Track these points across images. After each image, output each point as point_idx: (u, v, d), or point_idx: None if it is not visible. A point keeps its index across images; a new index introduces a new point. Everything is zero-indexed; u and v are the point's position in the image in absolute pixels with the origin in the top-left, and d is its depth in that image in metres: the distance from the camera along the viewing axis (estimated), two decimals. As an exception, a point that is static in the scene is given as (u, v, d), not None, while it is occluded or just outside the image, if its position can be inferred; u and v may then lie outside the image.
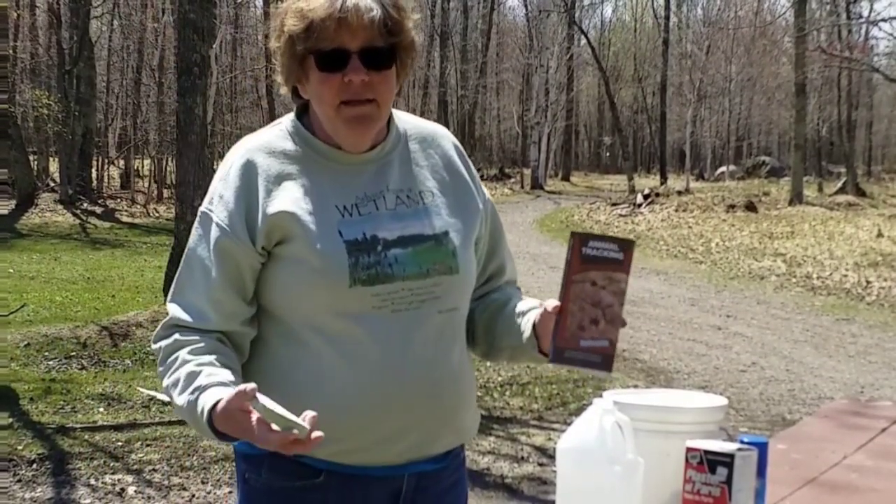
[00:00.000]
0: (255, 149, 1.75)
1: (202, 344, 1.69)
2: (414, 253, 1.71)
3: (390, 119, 1.82)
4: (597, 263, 1.62)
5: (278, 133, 1.77)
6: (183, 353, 1.68)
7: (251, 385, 1.49)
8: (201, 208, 1.76)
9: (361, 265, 1.67)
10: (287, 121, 1.80)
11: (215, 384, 1.61)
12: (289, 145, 1.75)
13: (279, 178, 1.71)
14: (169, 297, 1.76)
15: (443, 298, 1.73)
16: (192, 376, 1.63)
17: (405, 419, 1.68)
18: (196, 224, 1.75)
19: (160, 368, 1.72)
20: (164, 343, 1.71)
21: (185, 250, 1.76)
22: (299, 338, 1.71)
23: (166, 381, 1.69)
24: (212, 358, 1.67)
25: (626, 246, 1.64)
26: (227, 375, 1.64)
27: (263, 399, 1.49)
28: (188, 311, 1.71)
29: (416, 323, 1.70)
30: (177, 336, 1.70)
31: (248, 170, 1.72)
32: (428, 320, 1.71)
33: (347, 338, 1.67)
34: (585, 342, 1.62)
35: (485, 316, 1.88)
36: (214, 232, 1.70)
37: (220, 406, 1.54)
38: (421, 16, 1.74)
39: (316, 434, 1.48)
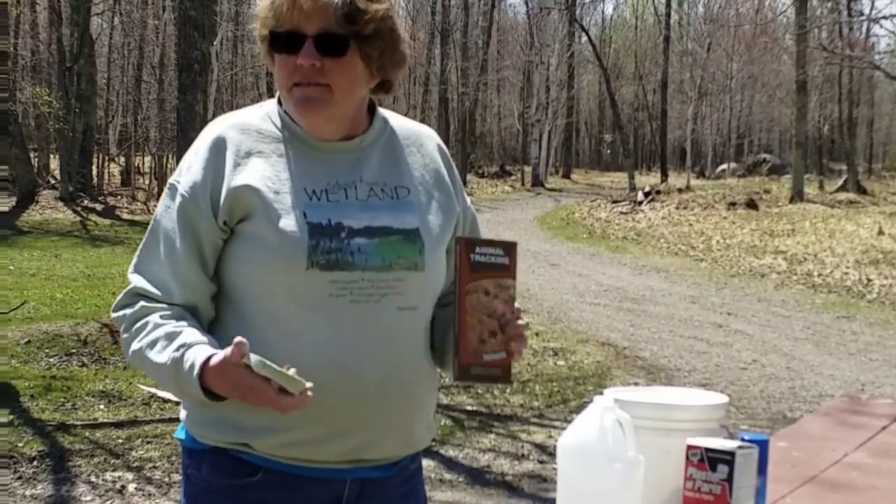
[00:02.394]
0: (229, 125, 1.74)
1: (172, 311, 1.67)
2: (379, 244, 1.68)
3: (374, 113, 1.80)
4: (486, 271, 1.58)
5: (258, 113, 1.77)
6: (154, 318, 1.65)
7: (244, 340, 1.51)
8: (170, 180, 1.75)
9: (322, 249, 1.64)
10: (268, 104, 1.79)
11: (201, 342, 1.59)
12: (266, 126, 1.74)
13: (249, 155, 1.70)
14: (131, 267, 1.74)
15: (405, 295, 1.69)
16: (174, 335, 1.62)
17: (351, 417, 1.65)
18: (163, 195, 1.74)
19: (125, 335, 1.69)
20: (128, 311, 1.69)
21: (151, 220, 1.75)
22: (252, 323, 1.67)
23: (136, 345, 1.66)
24: (186, 323, 1.65)
25: (510, 249, 1.60)
26: (209, 337, 1.63)
27: (255, 355, 1.49)
28: (152, 282, 1.69)
29: (374, 317, 1.67)
30: (143, 303, 1.68)
31: (219, 144, 1.71)
32: (386, 316, 1.67)
33: (301, 324, 1.65)
34: (488, 356, 1.58)
35: (438, 323, 1.80)
36: (178, 202, 1.70)
37: (213, 360, 1.54)
38: (389, 5, 1.72)
39: (309, 387, 1.51)
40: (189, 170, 1.71)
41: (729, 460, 1.58)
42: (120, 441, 5.63)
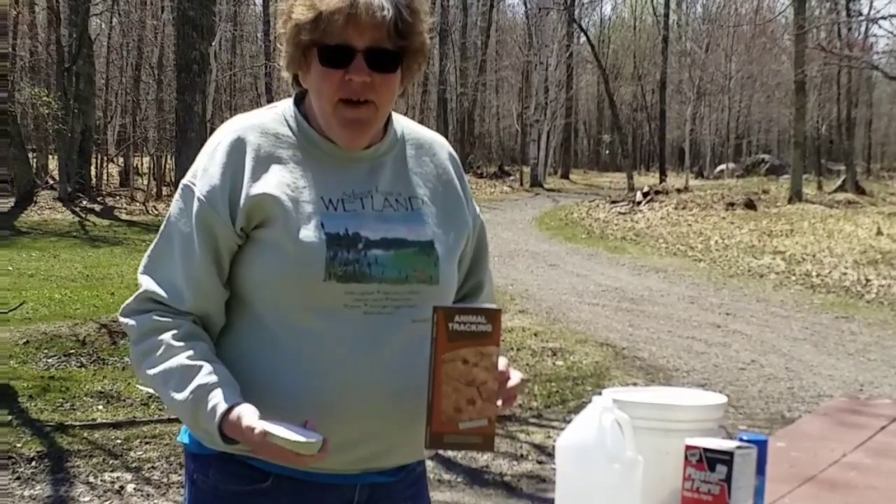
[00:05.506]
0: (247, 127, 1.71)
1: (185, 329, 1.65)
2: (395, 256, 1.67)
3: (389, 121, 1.79)
4: (466, 339, 1.55)
5: (274, 116, 1.74)
6: (167, 338, 1.63)
7: (259, 428, 1.50)
8: (183, 181, 1.71)
9: (339, 261, 1.63)
10: (284, 105, 1.76)
11: (218, 384, 1.58)
12: (283, 129, 1.72)
13: (268, 160, 1.68)
14: (142, 267, 1.70)
15: (419, 307, 1.67)
16: (189, 372, 1.60)
17: (363, 427, 1.65)
18: (177, 197, 1.70)
19: (136, 348, 1.67)
20: (138, 319, 1.67)
21: (164, 222, 1.71)
22: (267, 328, 1.66)
23: (151, 370, 1.64)
24: (202, 347, 1.64)
25: (493, 316, 1.57)
26: (225, 373, 1.62)
27: (272, 428, 1.50)
28: (163, 286, 1.67)
29: (388, 328, 1.66)
30: (154, 316, 1.65)
31: (237, 147, 1.68)
32: (400, 328, 1.66)
33: (314, 334, 1.63)
34: (464, 424, 1.56)
35: None
36: (195, 206, 1.66)
37: (232, 417, 1.54)
38: (435, 19, 1.70)
39: (320, 443, 1.50)
40: (206, 173, 1.67)
41: (727, 460, 1.58)
42: (118, 441, 5.62)
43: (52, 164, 25.59)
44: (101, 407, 6.36)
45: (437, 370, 1.56)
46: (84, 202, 22.45)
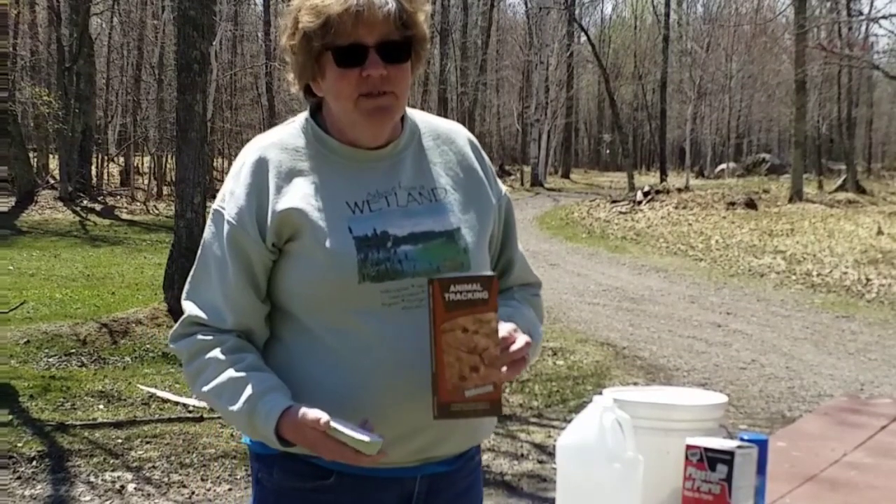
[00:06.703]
0: (267, 146, 1.75)
1: (230, 343, 1.70)
2: (424, 249, 1.71)
3: (404, 116, 1.82)
4: (463, 308, 1.58)
5: (291, 130, 1.78)
6: (216, 353, 1.69)
7: (325, 417, 1.55)
8: (214, 206, 1.77)
9: (371, 261, 1.67)
10: (301, 119, 1.80)
11: (268, 390, 1.64)
12: (301, 142, 1.76)
13: (290, 175, 1.72)
14: (184, 294, 1.77)
15: None
16: (239, 383, 1.65)
17: (416, 418, 1.67)
18: (209, 221, 1.77)
19: (188, 369, 1.73)
20: (185, 343, 1.73)
21: (200, 247, 1.77)
22: (311, 334, 1.71)
23: (204, 387, 1.69)
24: (248, 359, 1.69)
25: (488, 283, 1.60)
26: (273, 378, 1.67)
27: (336, 423, 1.54)
28: (204, 308, 1.72)
29: (428, 321, 1.69)
30: (199, 336, 1.71)
31: (260, 167, 1.73)
32: None
33: (358, 334, 1.68)
34: (470, 391, 1.59)
35: None
36: (226, 229, 1.71)
37: (290, 417, 1.59)
38: (431, 8, 1.74)
39: (382, 451, 1.56)
40: (233, 195, 1.72)
41: (728, 460, 1.58)
42: (119, 441, 5.63)
43: (53, 163, 25.60)
44: (101, 406, 6.36)
45: (438, 341, 1.59)
46: (85, 202, 22.46)
